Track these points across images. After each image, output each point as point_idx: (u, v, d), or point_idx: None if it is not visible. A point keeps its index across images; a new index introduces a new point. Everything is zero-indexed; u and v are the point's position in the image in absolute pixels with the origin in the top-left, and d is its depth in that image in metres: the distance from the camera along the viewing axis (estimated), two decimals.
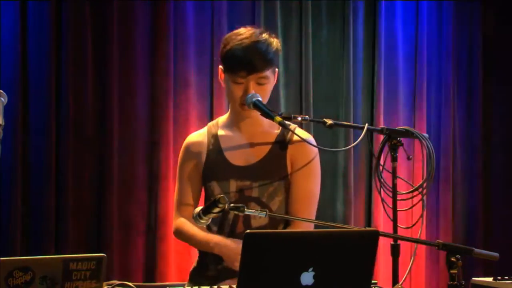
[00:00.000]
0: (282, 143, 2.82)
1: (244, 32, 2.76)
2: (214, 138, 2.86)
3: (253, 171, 2.77)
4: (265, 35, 2.76)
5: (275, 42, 2.78)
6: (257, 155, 2.79)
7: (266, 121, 2.80)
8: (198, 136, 2.92)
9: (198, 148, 2.87)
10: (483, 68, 5.66)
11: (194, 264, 2.94)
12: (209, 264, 2.83)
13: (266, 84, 2.74)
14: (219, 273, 2.78)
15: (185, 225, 2.85)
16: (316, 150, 2.84)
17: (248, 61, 2.69)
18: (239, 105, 2.76)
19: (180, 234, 2.88)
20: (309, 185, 2.84)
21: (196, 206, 2.79)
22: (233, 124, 2.86)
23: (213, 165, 2.82)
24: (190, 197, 2.86)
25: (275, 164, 2.79)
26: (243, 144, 2.81)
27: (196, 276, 2.87)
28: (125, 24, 4.85)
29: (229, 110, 2.89)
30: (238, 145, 2.81)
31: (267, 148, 2.80)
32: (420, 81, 5.49)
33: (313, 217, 2.83)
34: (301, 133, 2.81)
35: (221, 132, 2.87)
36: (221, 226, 2.82)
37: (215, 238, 2.78)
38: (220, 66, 2.81)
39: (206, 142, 2.86)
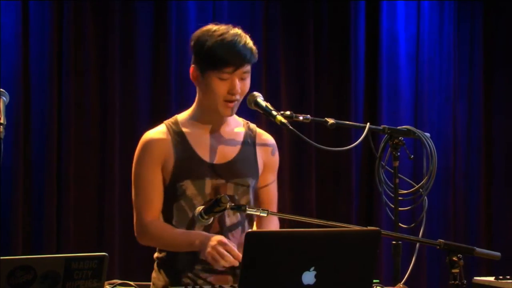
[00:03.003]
0: (250, 142, 2.78)
1: (218, 29, 2.67)
2: (180, 136, 2.73)
3: (228, 169, 2.70)
4: (238, 30, 2.68)
5: (248, 36, 2.71)
6: (229, 154, 2.73)
7: (231, 120, 2.77)
8: (159, 133, 2.74)
9: (162, 147, 2.71)
10: (485, 67, 5.66)
11: (154, 274, 2.80)
12: (181, 274, 2.69)
13: (247, 78, 2.69)
14: (195, 279, 2.67)
15: (164, 226, 2.71)
16: None
17: (235, 56, 2.62)
18: (223, 102, 2.67)
19: (152, 236, 2.72)
20: (276, 186, 2.88)
21: (160, 208, 2.70)
22: (199, 122, 2.75)
23: (185, 163, 2.68)
24: (158, 198, 2.69)
25: (248, 162, 2.74)
26: (213, 142, 2.72)
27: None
28: (126, 24, 4.85)
29: (195, 107, 2.79)
30: (208, 143, 2.72)
31: (237, 147, 2.74)
32: (421, 81, 5.49)
33: None
34: (266, 134, 2.83)
35: (185, 129, 2.74)
36: (193, 225, 2.66)
37: (200, 234, 2.60)
38: (194, 65, 2.73)
39: (171, 140, 2.72)
